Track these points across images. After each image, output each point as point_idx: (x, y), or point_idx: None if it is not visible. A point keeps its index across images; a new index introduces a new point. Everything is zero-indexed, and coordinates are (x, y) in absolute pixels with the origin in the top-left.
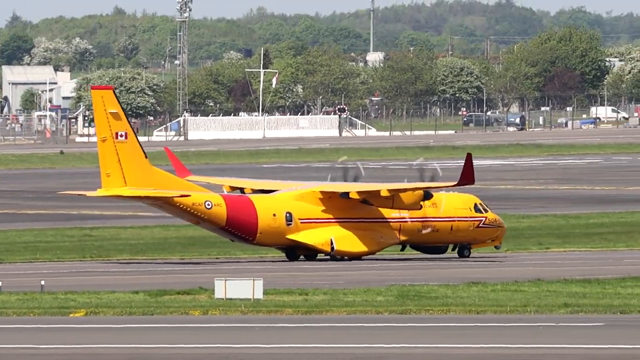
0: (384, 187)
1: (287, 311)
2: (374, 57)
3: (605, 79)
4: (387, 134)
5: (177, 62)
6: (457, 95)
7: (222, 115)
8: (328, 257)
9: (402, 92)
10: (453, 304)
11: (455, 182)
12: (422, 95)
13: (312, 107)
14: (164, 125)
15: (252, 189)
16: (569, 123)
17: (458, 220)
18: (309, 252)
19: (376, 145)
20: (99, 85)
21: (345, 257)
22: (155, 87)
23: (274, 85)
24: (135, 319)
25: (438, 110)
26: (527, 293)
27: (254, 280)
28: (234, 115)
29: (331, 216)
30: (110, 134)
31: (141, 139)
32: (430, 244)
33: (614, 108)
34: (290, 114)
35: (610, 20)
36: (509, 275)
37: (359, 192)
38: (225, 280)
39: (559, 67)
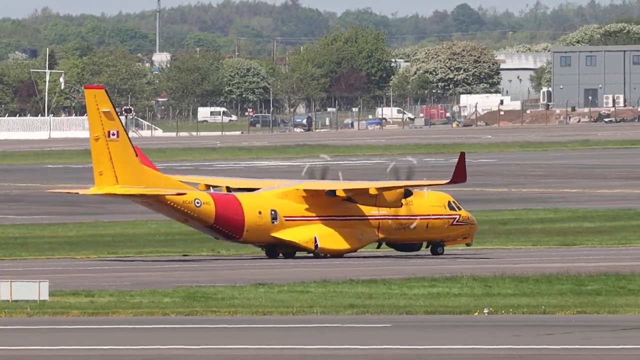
0: (372, 185)
1: (74, 313)
2: (160, 58)
3: (391, 80)
4: (174, 134)
5: None
6: (243, 96)
7: (8, 116)
8: (311, 254)
9: (188, 93)
10: (240, 305)
11: (448, 180)
12: (209, 96)
13: None
14: None
15: (228, 187)
16: (355, 124)
17: (433, 218)
18: (291, 250)
19: (163, 146)
20: (91, 84)
21: (328, 255)
22: None
23: (62, 86)
24: None
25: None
26: (314, 294)
27: (39, 282)
28: (20, 115)
29: (314, 214)
30: (102, 133)
31: None
32: (406, 241)
33: (399, 109)
34: (76, 115)
35: (396, 22)
36: (295, 276)
37: (345, 190)
38: (11, 282)
39: (345, 68)
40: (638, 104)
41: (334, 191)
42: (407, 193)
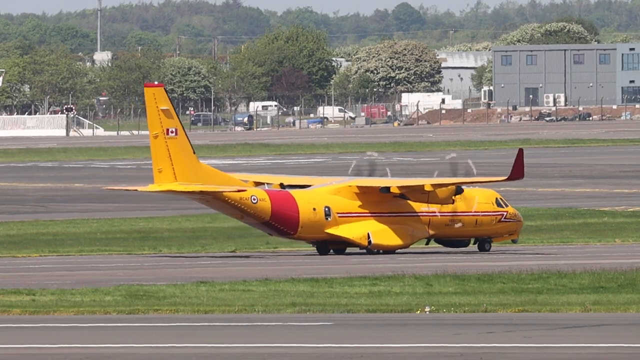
0: (427, 182)
1: (15, 311)
2: (102, 57)
3: (332, 78)
4: (115, 133)
5: None
6: (184, 94)
7: None
8: (364, 250)
9: (129, 92)
10: (181, 304)
11: (505, 177)
12: None
13: (39, 107)
14: None
15: (282, 184)
16: (297, 122)
17: (482, 215)
18: (343, 246)
19: (104, 144)
20: (151, 83)
21: (380, 251)
22: None
23: (0, 84)
24: None
25: None
26: (255, 292)
27: None
28: None
29: (367, 210)
30: (161, 131)
31: None
32: (455, 237)
33: (340, 108)
34: (17, 114)
35: (337, 21)
36: (237, 274)
37: (400, 187)
38: None
39: (286, 67)
40: (579, 103)
41: (388, 188)
42: (459, 190)
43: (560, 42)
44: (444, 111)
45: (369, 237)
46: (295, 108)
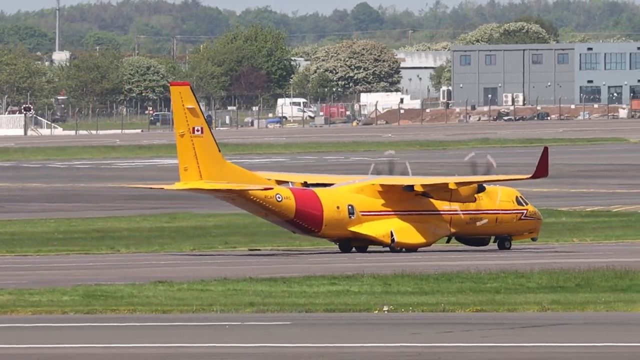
0: (451, 180)
1: None
2: (60, 57)
3: (292, 78)
4: (73, 133)
5: None
6: (143, 94)
7: None
8: (387, 248)
9: (88, 91)
10: (139, 304)
11: (530, 175)
12: (109, 94)
13: None
14: None
15: (305, 182)
16: (255, 122)
17: (502, 213)
18: (367, 244)
19: (62, 144)
20: (176, 81)
21: (403, 249)
22: None
23: None
24: None
25: (124, 109)
26: (214, 292)
27: None
28: None
29: (390, 209)
30: (187, 129)
31: None
32: (476, 235)
33: (299, 107)
34: None
35: (296, 20)
36: (195, 274)
37: (423, 185)
38: None
39: (246, 67)
40: (537, 102)
41: (411, 186)
42: (480, 188)
43: (519, 42)
44: (402, 111)
45: (392, 235)
46: (254, 108)
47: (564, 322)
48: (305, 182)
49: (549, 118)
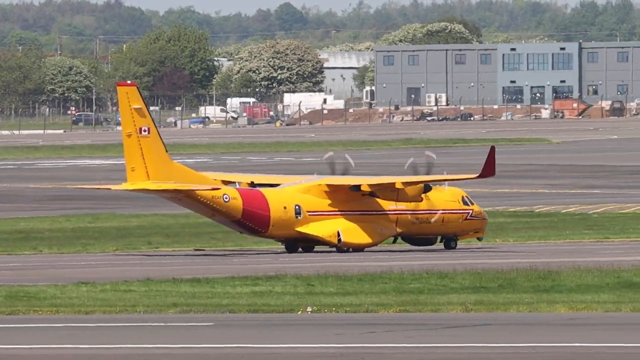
0: (398, 180)
1: None
2: None
3: (214, 78)
4: None
5: None
6: (66, 94)
7: None
8: (333, 249)
9: (10, 91)
10: (62, 305)
11: (477, 175)
12: (31, 95)
13: None
14: None
15: (252, 182)
16: (179, 122)
17: (449, 213)
18: (313, 244)
19: None
20: (123, 82)
21: (350, 249)
22: None
23: None
24: None
25: (47, 109)
26: (137, 293)
27: None
28: None
29: (337, 209)
30: (134, 129)
31: None
32: (422, 235)
33: (222, 108)
34: None
35: (219, 20)
36: (118, 275)
37: (370, 185)
38: None
39: (169, 67)
40: (460, 102)
41: (358, 186)
42: (427, 188)
43: (442, 42)
44: (326, 111)
45: (339, 235)
46: (177, 108)
47: (487, 322)
48: (252, 182)
49: (472, 118)
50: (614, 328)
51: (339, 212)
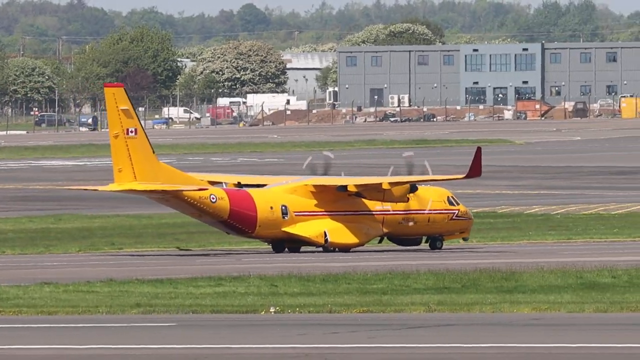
0: (384, 180)
1: None
2: None
3: (178, 79)
4: None
5: None
6: (29, 95)
7: None
8: (320, 249)
9: None
10: (25, 305)
11: (463, 175)
12: None
13: None
14: None
15: (239, 183)
16: (142, 123)
17: (435, 213)
18: (300, 245)
19: None
20: (110, 83)
21: (336, 249)
22: None
23: None
24: None
25: (10, 110)
26: (100, 293)
27: None
28: None
29: (323, 209)
30: (121, 130)
31: None
32: (408, 236)
33: (186, 108)
34: None
35: (182, 21)
36: (81, 275)
37: (356, 185)
38: None
39: (132, 68)
40: (423, 103)
41: (345, 186)
42: (413, 188)
43: (405, 43)
44: (289, 112)
45: (325, 236)
46: (140, 109)
47: (451, 322)
48: (239, 183)
49: (435, 119)
50: (577, 328)
51: (325, 213)
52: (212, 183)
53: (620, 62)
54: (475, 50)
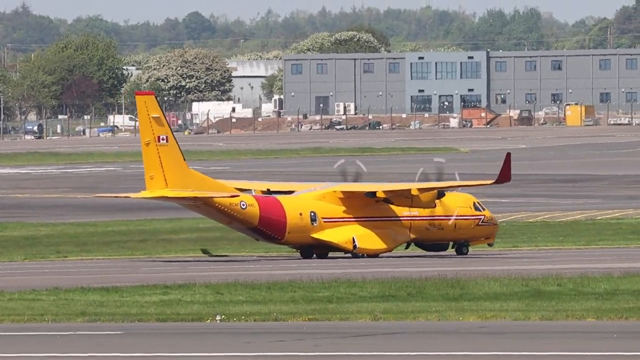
0: (413, 186)
1: None
2: None
3: (123, 87)
4: None
5: None
6: None
7: None
8: (349, 254)
9: None
10: None
11: (492, 181)
12: None
13: None
14: None
15: (269, 190)
16: (87, 131)
17: (461, 219)
18: (328, 251)
19: None
20: (141, 91)
21: (365, 255)
22: None
23: None
24: None
25: None
26: (45, 302)
27: None
28: None
29: (351, 215)
30: (153, 138)
31: None
32: (435, 241)
33: (131, 116)
34: None
35: (128, 29)
36: (26, 283)
37: (385, 191)
38: None
39: (77, 76)
40: (369, 111)
41: (373, 192)
42: (440, 194)
43: (351, 51)
44: (234, 120)
45: (354, 242)
46: (85, 117)
47: (396, 331)
48: (268, 190)
49: (380, 127)
50: (523, 336)
51: (353, 219)
52: (241, 190)
53: (565, 70)
54: (420, 58)
